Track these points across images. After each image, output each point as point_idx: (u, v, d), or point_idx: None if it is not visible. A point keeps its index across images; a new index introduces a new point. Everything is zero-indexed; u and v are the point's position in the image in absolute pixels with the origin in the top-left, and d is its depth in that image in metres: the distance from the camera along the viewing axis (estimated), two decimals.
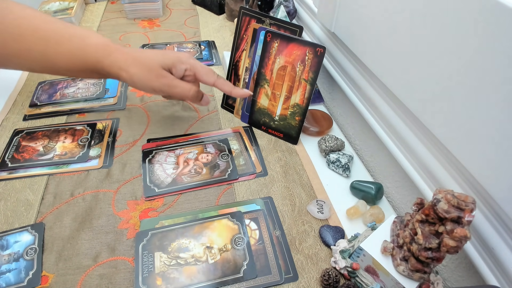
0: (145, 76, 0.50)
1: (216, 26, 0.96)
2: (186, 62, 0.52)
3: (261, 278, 0.41)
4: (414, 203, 0.36)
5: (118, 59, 0.50)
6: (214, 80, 0.54)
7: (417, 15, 0.40)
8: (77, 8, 0.95)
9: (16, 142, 0.57)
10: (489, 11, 0.31)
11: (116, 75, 0.51)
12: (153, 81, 0.50)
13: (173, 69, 0.52)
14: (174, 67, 0.52)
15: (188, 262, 0.42)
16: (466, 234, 0.30)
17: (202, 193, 0.51)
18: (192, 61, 0.53)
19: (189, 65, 0.53)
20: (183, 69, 0.52)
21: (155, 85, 0.51)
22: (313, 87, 0.54)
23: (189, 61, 0.53)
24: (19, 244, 0.43)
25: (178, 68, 0.52)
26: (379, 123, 0.52)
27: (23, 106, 0.65)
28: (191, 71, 0.53)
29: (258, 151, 0.57)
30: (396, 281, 0.36)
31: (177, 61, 0.52)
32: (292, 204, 0.50)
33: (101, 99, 0.67)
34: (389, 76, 0.47)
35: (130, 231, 0.45)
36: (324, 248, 0.45)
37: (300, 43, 0.53)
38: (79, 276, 0.41)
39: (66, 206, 0.48)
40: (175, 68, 0.52)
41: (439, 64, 0.37)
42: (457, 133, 0.36)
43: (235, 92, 0.56)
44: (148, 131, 0.61)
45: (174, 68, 0.52)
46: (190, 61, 0.53)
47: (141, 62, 0.50)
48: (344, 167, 0.53)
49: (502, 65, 0.30)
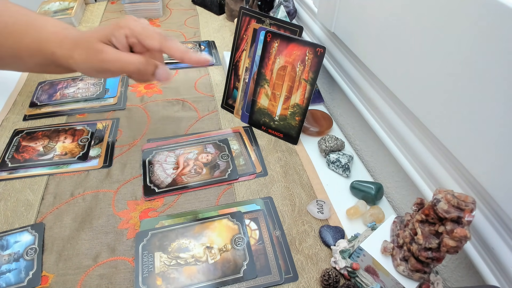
0: (85, 58, 0.41)
1: (216, 26, 0.96)
2: (125, 25, 0.41)
3: (261, 278, 0.41)
4: (414, 203, 0.36)
5: (65, 47, 0.42)
6: (159, 43, 0.42)
7: (417, 15, 0.40)
8: (77, 8, 0.95)
9: (16, 142, 0.57)
10: (490, 11, 0.31)
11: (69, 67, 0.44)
12: (92, 61, 0.41)
13: (113, 39, 0.41)
14: (113, 36, 0.41)
15: (188, 262, 0.42)
16: (466, 234, 0.30)
17: (202, 193, 0.51)
18: (132, 23, 0.42)
19: (128, 29, 0.41)
20: (123, 35, 0.41)
21: (95, 65, 0.41)
22: (313, 87, 0.54)
23: (129, 24, 0.41)
24: (19, 244, 0.43)
25: (117, 35, 0.41)
26: (379, 123, 0.52)
27: (23, 106, 0.65)
28: (133, 36, 0.41)
29: (258, 151, 0.57)
30: (396, 281, 0.36)
31: (115, 28, 0.41)
32: (292, 204, 0.50)
33: (101, 99, 0.67)
34: (389, 76, 0.47)
35: (130, 231, 0.45)
36: (324, 248, 0.45)
37: (300, 43, 0.53)
38: (79, 276, 0.41)
39: (66, 206, 0.48)
40: (114, 37, 0.41)
41: (439, 64, 0.37)
42: (457, 133, 0.36)
43: (188, 57, 0.44)
44: (148, 131, 0.61)
45: (114, 37, 0.41)
46: (129, 24, 0.41)
47: (80, 43, 0.42)
48: (344, 167, 0.53)
49: (502, 65, 0.30)
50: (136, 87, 0.71)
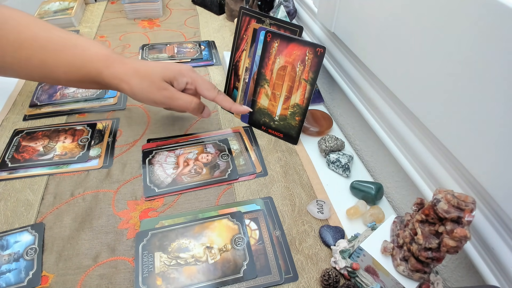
0: (146, 88, 0.50)
1: (216, 26, 0.96)
2: (188, 75, 0.52)
3: (261, 278, 0.41)
4: (414, 203, 0.36)
5: (119, 70, 0.50)
6: (214, 95, 0.54)
7: (418, 15, 0.40)
8: (77, 8, 0.95)
9: (16, 142, 0.57)
10: (490, 11, 0.31)
11: (116, 87, 0.51)
12: (154, 94, 0.50)
13: (174, 82, 0.52)
14: (175, 80, 0.52)
15: (188, 262, 0.42)
16: (466, 234, 0.30)
17: (202, 193, 0.51)
18: (193, 75, 0.53)
19: (190, 78, 0.53)
20: (185, 82, 0.52)
21: (157, 98, 0.50)
22: (313, 87, 0.54)
23: (190, 74, 0.53)
24: (19, 244, 0.43)
25: (180, 81, 0.52)
26: (379, 123, 0.52)
27: (23, 106, 0.65)
28: (192, 84, 0.53)
29: (258, 151, 0.57)
30: (396, 281, 0.36)
31: (179, 74, 0.52)
32: (292, 204, 0.50)
33: (101, 99, 0.67)
34: (389, 76, 0.47)
35: (130, 231, 0.45)
36: (324, 248, 0.45)
37: (300, 43, 0.53)
38: (79, 276, 0.41)
39: (66, 206, 0.48)
40: (176, 81, 0.52)
41: (439, 64, 0.37)
42: (457, 133, 0.36)
43: (235, 108, 0.57)
44: (148, 131, 0.61)
45: (176, 80, 0.52)
46: (191, 74, 0.53)
47: (142, 74, 0.50)
48: (344, 167, 0.53)
49: (502, 65, 0.30)
50: None
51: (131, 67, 0.50)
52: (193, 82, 0.53)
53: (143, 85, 0.50)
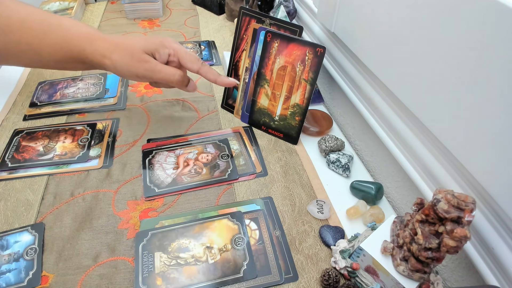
0: (128, 62, 0.49)
1: (216, 26, 0.96)
2: (170, 46, 0.51)
3: (261, 278, 0.41)
4: (414, 203, 0.36)
5: (101, 46, 0.49)
6: (198, 67, 0.53)
7: (418, 15, 0.40)
8: (77, 8, 0.95)
9: (16, 142, 0.57)
10: (490, 11, 0.31)
11: (99, 64, 0.50)
12: (136, 67, 0.49)
13: (156, 54, 0.51)
14: (157, 52, 0.50)
15: (188, 262, 0.42)
16: (466, 234, 0.30)
17: (202, 193, 0.51)
18: (175, 46, 0.52)
19: (172, 49, 0.51)
20: (167, 54, 0.51)
21: (139, 71, 0.50)
22: (313, 87, 0.54)
23: (173, 46, 0.51)
24: (19, 244, 0.43)
25: (162, 52, 0.51)
26: (379, 123, 0.52)
27: (23, 106, 0.65)
28: (175, 56, 0.52)
29: (258, 151, 0.57)
30: (396, 281, 0.36)
31: (160, 46, 0.50)
32: (292, 204, 0.50)
33: (101, 99, 0.67)
34: (389, 76, 0.47)
35: (130, 231, 0.45)
36: (324, 248, 0.45)
37: (300, 43, 0.53)
38: (79, 276, 0.41)
39: (66, 206, 0.48)
40: (158, 52, 0.50)
41: (439, 64, 0.37)
42: (457, 133, 0.36)
43: (220, 80, 0.55)
44: (148, 131, 0.61)
45: (157, 53, 0.50)
46: (173, 46, 0.52)
47: (123, 48, 0.49)
48: (344, 167, 0.53)
49: (502, 65, 0.30)
50: (136, 87, 0.71)
51: (113, 42, 0.50)
52: (175, 53, 0.52)
53: (124, 60, 0.49)
